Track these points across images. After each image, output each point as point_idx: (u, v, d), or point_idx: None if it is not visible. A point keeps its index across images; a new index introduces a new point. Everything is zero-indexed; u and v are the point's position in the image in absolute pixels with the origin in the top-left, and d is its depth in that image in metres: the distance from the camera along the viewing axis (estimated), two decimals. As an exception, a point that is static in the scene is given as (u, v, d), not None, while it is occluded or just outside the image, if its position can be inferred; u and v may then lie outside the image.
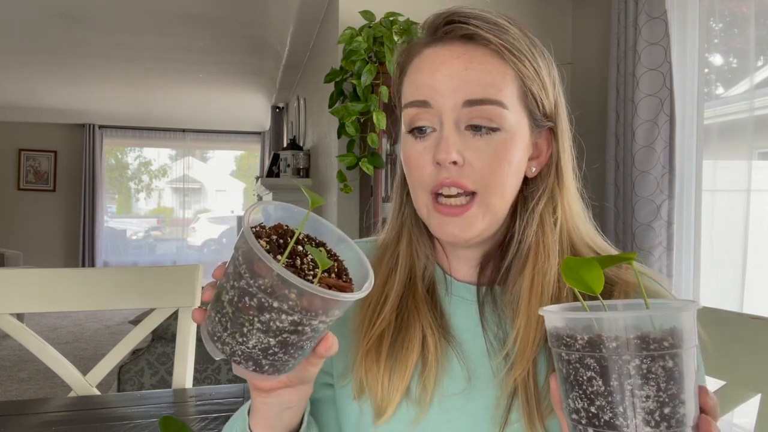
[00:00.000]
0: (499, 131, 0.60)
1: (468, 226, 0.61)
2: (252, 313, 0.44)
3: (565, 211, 0.65)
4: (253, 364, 0.46)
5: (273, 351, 0.45)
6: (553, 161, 0.66)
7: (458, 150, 0.59)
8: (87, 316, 5.86)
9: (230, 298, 0.45)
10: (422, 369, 0.63)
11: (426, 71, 0.62)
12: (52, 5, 3.53)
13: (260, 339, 0.45)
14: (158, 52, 4.61)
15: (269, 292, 0.43)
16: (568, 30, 2.90)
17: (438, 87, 0.60)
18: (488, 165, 0.60)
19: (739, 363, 0.80)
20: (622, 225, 2.23)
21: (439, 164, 0.60)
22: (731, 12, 2.02)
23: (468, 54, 0.60)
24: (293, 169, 4.17)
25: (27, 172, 7.63)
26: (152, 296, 1.33)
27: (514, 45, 0.61)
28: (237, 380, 2.43)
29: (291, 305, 0.43)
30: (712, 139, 2.05)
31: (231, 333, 0.45)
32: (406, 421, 0.63)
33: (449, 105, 0.60)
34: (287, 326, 0.44)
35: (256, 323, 0.44)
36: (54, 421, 1.07)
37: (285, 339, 0.45)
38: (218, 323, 0.46)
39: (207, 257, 8.63)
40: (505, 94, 0.60)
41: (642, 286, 0.46)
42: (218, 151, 9.16)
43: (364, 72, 2.33)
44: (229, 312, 0.45)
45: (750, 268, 1.82)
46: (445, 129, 0.60)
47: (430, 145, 0.61)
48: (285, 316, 0.44)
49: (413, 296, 0.67)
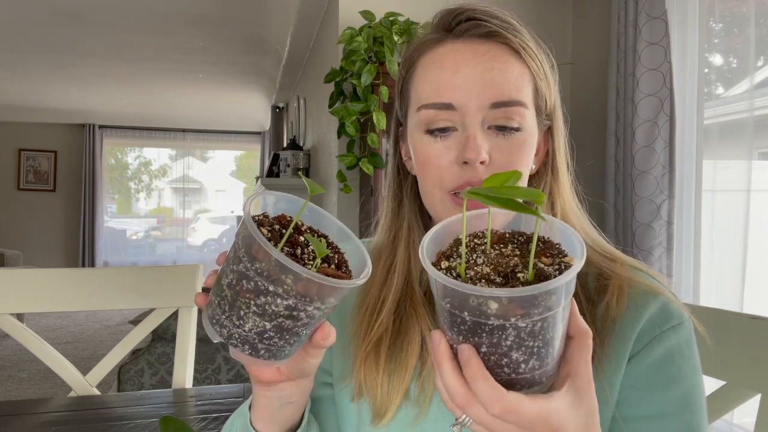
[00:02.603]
0: (520, 131, 0.60)
1: None
2: (249, 296, 0.45)
3: (560, 207, 0.65)
4: (249, 347, 0.47)
5: (269, 335, 0.47)
6: (549, 159, 0.66)
7: (486, 150, 0.59)
8: (87, 316, 5.86)
9: (229, 282, 0.46)
10: (421, 370, 0.63)
11: (448, 70, 0.60)
12: (52, 5, 3.53)
13: (256, 322, 0.46)
14: (158, 52, 4.61)
15: (266, 275, 0.44)
16: (568, 30, 2.90)
17: (463, 88, 0.59)
18: (511, 164, 0.60)
19: (739, 363, 0.80)
20: (622, 225, 2.23)
21: (466, 164, 0.60)
22: (731, 12, 2.02)
23: (490, 53, 0.60)
24: (293, 169, 4.18)
25: (27, 172, 7.63)
26: (152, 296, 1.33)
27: (528, 44, 0.61)
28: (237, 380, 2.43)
29: (286, 289, 0.44)
30: (712, 139, 2.05)
31: (229, 316, 0.47)
32: (405, 422, 0.63)
33: (475, 106, 0.59)
34: (282, 310, 0.45)
35: (252, 306, 0.45)
36: (54, 421, 1.07)
37: (280, 323, 0.46)
38: (218, 306, 0.47)
39: (207, 257, 8.63)
40: (525, 94, 0.60)
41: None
42: (218, 151, 9.16)
43: (364, 72, 2.33)
44: (228, 295, 0.46)
45: (750, 268, 1.82)
46: (471, 129, 0.59)
47: (452, 144, 0.61)
48: (280, 300, 0.45)
49: (411, 299, 0.66)
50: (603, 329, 0.60)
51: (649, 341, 0.59)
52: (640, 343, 0.60)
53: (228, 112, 7.34)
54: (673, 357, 0.59)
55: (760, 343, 0.78)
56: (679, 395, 0.59)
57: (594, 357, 0.59)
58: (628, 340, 0.60)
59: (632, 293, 0.61)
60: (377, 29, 2.38)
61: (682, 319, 0.61)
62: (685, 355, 0.60)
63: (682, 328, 0.60)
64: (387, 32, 2.36)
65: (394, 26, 2.38)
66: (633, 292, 0.61)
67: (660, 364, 0.59)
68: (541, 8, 2.84)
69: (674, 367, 0.59)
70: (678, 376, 0.59)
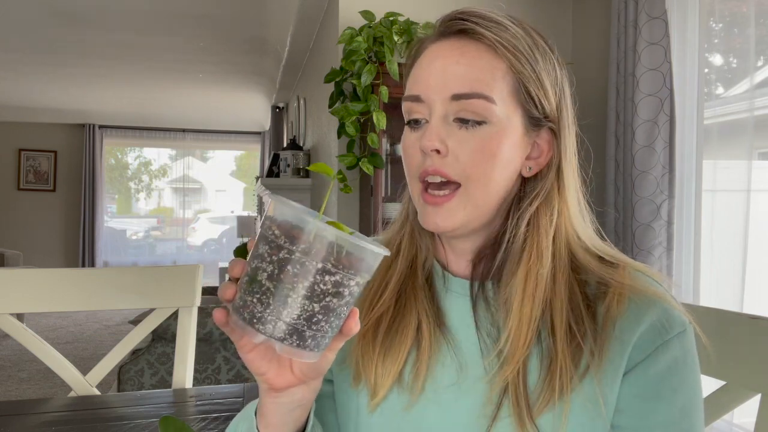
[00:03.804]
0: (486, 124, 0.61)
1: (448, 216, 0.62)
2: (296, 280, 0.47)
3: (563, 213, 0.65)
4: (297, 337, 0.48)
5: (317, 318, 0.48)
6: (553, 163, 0.65)
7: (441, 139, 0.61)
8: (87, 316, 5.86)
9: (269, 274, 0.47)
10: (416, 357, 0.65)
11: (423, 66, 0.64)
12: (52, 5, 3.53)
13: (305, 306, 0.47)
14: (158, 52, 4.62)
15: (312, 253, 0.46)
16: (568, 30, 2.90)
17: (430, 81, 0.63)
18: (471, 155, 0.61)
19: (739, 363, 0.80)
20: (622, 225, 2.23)
21: (424, 152, 0.62)
22: (731, 12, 2.02)
23: (461, 48, 0.62)
24: (293, 169, 4.17)
25: (27, 172, 7.63)
26: (152, 296, 1.33)
27: (510, 42, 0.61)
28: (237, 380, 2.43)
29: (334, 263, 0.46)
30: (712, 139, 2.05)
31: (274, 308, 0.47)
32: (398, 408, 0.64)
33: (438, 99, 0.62)
34: (330, 288, 0.47)
35: (301, 290, 0.47)
36: (54, 421, 1.07)
37: (327, 303, 0.48)
38: (258, 303, 0.48)
39: (207, 257, 8.63)
40: (494, 88, 0.61)
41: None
42: (218, 151, 9.16)
43: (364, 72, 2.33)
44: (271, 287, 0.47)
45: (750, 268, 1.82)
46: (432, 120, 0.62)
47: (420, 135, 0.64)
48: (328, 276, 0.47)
49: (413, 283, 0.68)
50: (602, 333, 0.60)
51: (653, 350, 0.59)
52: (642, 351, 0.60)
53: (228, 112, 7.35)
54: (677, 366, 0.60)
55: (760, 343, 0.78)
56: (681, 404, 0.59)
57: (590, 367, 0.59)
58: (627, 343, 0.60)
59: (633, 298, 0.61)
60: (377, 29, 2.38)
61: (684, 326, 0.61)
62: (688, 363, 0.60)
63: (686, 336, 0.60)
64: (387, 32, 2.36)
65: (394, 26, 2.38)
66: (634, 296, 0.61)
67: (665, 374, 0.59)
68: (541, 8, 2.84)
69: (678, 377, 0.60)
70: (681, 386, 0.60)
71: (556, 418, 0.58)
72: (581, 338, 0.59)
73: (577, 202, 0.67)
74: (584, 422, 0.59)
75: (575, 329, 0.60)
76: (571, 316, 0.61)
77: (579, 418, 0.59)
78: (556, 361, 0.59)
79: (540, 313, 0.60)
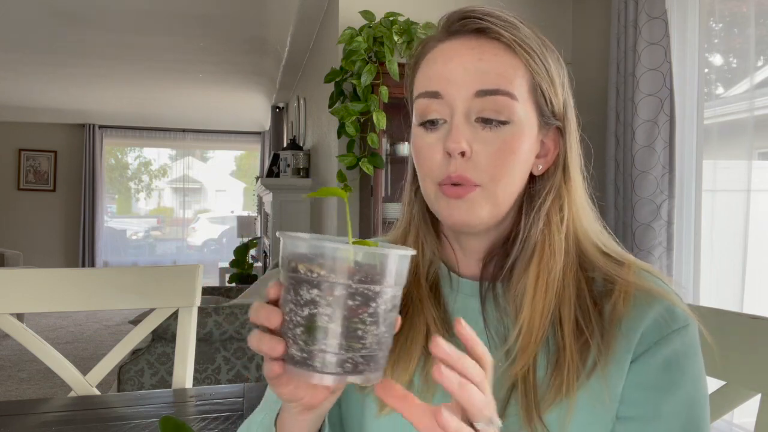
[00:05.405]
0: (509, 124, 0.61)
1: (471, 209, 0.61)
2: (361, 311, 0.45)
3: (571, 210, 0.65)
4: (374, 364, 0.47)
5: (384, 338, 0.47)
6: (560, 161, 0.66)
7: (467, 140, 0.60)
8: (87, 316, 5.86)
9: (330, 316, 0.45)
10: (425, 362, 0.64)
11: (439, 62, 0.63)
12: (52, 5, 3.53)
13: (373, 331, 0.46)
14: (158, 52, 4.62)
15: (369, 280, 0.45)
16: (568, 30, 2.90)
17: (451, 78, 0.61)
18: (495, 156, 0.60)
19: (739, 363, 0.80)
20: (622, 225, 2.23)
21: (449, 154, 0.61)
22: (731, 12, 2.02)
23: (481, 46, 0.61)
24: (293, 169, 4.17)
25: (27, 172, 7.63)
26: (152, 296, 1.33)
27: (524, 41, 0.62)
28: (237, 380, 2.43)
29: (388, 281, 0.46)
30: (712, 139, 2.05)
31: (347, 346, 0.46)
32: None
33: (461, 96, 0.61)
34: (389, 306, 0.47)
35: (367, 318, 0.46)
36: (54, 421, 1.07)
37: (388, 321, 0.47)
38: (326, 352, 0.46)
39: (207, 257, 8.63)
40: (516, 86, 0.61)
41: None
42: (218, 151, 9.16)
43: (364, 72, 2.33)
44: (337, 330, 0.45)
45: (750, 268, 1.82)
46: (456, 119, 0.61)
47: (441, 136, 0.62)
48: (386, 295, 0.46)
49: (417, 291, 0.68)
50: (609, 330, 0.60)
51: (655, 342, 0.60)
52: (645, 344, 0.60)
53: (228, 112, 7.34)
54: (678, 359, 0.60)
55: (760, 343, 0.78)
56: (682, 398, 0.60)
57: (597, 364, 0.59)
58: (632, 340, 0.60)
59: (639, 296, 0.61)
60: (377, 29, 2.38)
61: (687, 321, 0.61)
62: (690, 357, 0.60)
63: (687, 331, 0.61)
64: (387, 32, 2.36)
65: (394, 26, 2.38)
66: (638, 294, 0.61)
67: (665, 366, 0.60)
68: (541, 8, 2.84)
69: (679, 370, 0.60)
70: (682, 378, 0.60)
71: (562, 414, 0.59)
72: (589, 335, 0.60)
73: (584, 198, 0.67)
74: (589, 418, 0.59)
75: (583, 326, 0.60)
76: (579, 313, 0.61)
77: (584, 414, 0.59)
78: (564, 357, 0.59)
79: (552, 308, 0.61)
